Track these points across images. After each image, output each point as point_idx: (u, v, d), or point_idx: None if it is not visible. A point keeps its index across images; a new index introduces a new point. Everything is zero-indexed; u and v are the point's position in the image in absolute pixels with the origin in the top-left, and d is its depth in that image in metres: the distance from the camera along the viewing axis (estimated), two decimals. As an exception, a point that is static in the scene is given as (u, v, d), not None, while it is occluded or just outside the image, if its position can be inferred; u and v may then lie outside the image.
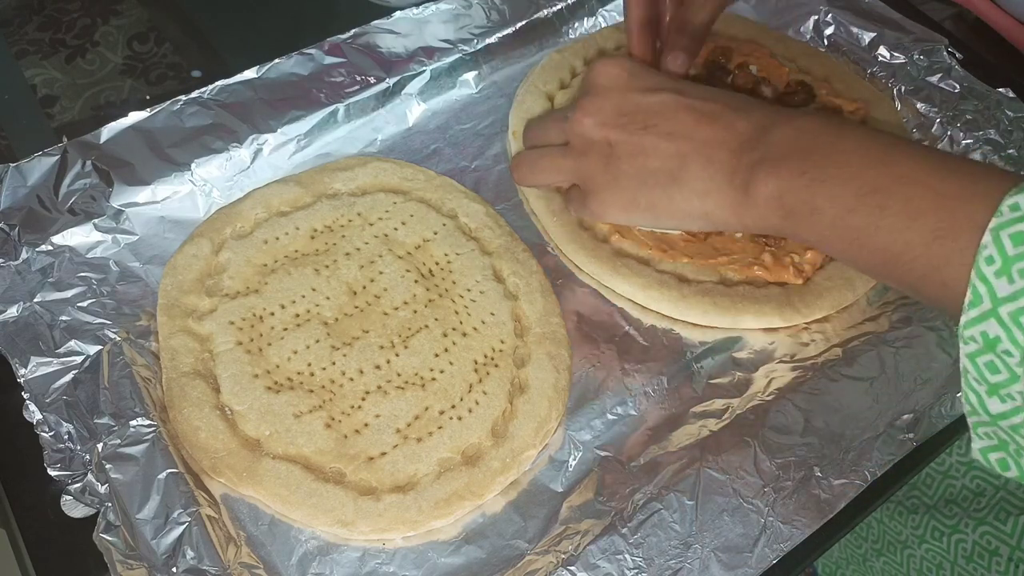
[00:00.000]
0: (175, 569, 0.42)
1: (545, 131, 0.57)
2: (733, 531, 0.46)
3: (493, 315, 0.53)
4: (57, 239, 0.54)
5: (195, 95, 0.60)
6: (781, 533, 0.46)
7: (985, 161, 0.61)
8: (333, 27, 0.65)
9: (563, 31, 0.70)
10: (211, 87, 0.60)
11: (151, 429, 0.47)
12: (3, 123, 0.67)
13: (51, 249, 0.53)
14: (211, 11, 0.76)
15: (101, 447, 0.45)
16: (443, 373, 0.51)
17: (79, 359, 0.49)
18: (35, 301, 0.51)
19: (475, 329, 0.53)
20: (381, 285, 0.54)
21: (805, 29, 0.72)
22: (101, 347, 0.50)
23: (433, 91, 0.65)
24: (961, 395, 0.39)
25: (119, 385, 0.48)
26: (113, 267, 0.54)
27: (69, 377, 0.48)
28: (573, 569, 0.44)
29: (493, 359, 0.52)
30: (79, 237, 0.54)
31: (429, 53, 0.65)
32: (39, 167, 0.56)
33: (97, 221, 0.55)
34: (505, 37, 0.67)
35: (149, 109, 0.59)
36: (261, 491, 0.46)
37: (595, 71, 0.53)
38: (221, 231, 0.55)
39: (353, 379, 0.50)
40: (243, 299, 0.52)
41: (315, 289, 0.53)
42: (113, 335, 0.51)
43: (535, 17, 0.69)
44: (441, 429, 0.49)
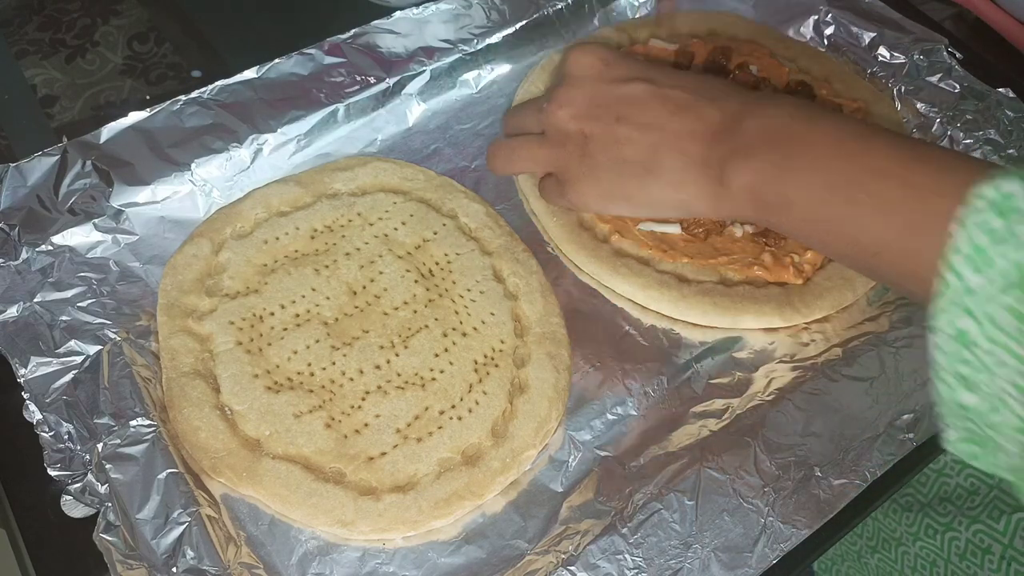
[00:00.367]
0: (175, 569, 0.42)
1: (523, 120, 0.57)
2: (733, 531, 0.46)
3: (493, 315, 0.53)
4: (57, 239, 0.54)
5: (195, 95, 0.60)
6: (781, 533, 0.46)
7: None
8: (333, 27, 0.65)
9: (563, 31, 0.70)
10: (211, 87, 0.60)
11: (151, 429, 0.47)
12: (3, 123, 0.67)
13: (51, 249, 0.53)
14: (211, 11, 0.76)
15: (101, 447, 0.45)
16: (443, 373, 0.51)
17: (79, 359, 0.49)
18: (35, 301, 0.51)
19: (475, 329, 0.53)
20: (381, 285, 0.54)
21: (805, 29, 0.72)
22: (101, 347, 0.50)
23: (433, 91, 0.65)
24: (930, 386, 0.38)
25: (119, 385, 0.48)
26: (113, 267, 0.54)
27: (69, 377, 0.48)
28: (573, 569, 0.44)
29: (493, 359, 0.52)
30: (79, 237, 0.54)
31: (429, 53, 0.65)
32: (39, 167, 0.56)
33: (97, 221, 0.55)
34: (505, 37, 0.67)
35: (149, 109, 0.59)
36: (261, 491, 0.46)
37: (569, 60, 0.53)
38: (221, 231, 0.55)
39: (353, 379, 0.50)
40: (243, 299, 0.52)
41: (315, 289, 0.53)
42: (113, 335, 0.51)
43: (535, 17, 0.69)
44: (441, 429, 0.49)
